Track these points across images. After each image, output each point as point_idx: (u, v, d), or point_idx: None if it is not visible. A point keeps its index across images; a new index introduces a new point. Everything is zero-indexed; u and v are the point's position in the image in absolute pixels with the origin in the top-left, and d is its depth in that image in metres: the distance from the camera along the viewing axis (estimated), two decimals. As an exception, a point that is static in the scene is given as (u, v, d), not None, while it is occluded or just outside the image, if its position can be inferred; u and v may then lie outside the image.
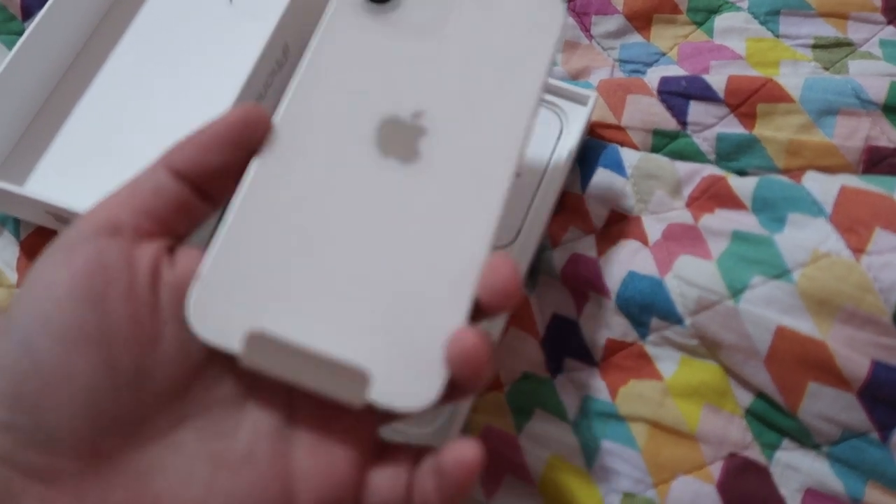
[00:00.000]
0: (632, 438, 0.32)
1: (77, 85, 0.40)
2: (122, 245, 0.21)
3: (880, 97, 0.34)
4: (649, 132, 0.38)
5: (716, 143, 0.37)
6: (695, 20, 0.43)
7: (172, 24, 0.41)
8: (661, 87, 0.38)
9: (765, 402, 0.31)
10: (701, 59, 0.41)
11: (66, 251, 0.21)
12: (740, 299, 0.30)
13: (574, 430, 0.33)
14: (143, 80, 0.40)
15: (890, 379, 0.28)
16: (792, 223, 0.31)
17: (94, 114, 0.39)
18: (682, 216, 0.35)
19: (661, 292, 0.32)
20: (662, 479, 0.31)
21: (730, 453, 0.31)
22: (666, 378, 0.32)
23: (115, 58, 0.41)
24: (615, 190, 0.37)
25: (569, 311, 0.35)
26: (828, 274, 0.29)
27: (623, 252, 0.35)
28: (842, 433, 0.29)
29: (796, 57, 0.40)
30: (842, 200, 0.31)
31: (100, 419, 0.19)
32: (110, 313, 0.20)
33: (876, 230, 0.29)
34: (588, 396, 0.33)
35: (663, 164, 0.37)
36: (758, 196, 0.33)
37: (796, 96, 0.36)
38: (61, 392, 0.19)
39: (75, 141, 0.38)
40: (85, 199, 0.34)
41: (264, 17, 0.39)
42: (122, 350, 0.20)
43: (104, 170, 0.37)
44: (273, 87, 0.38)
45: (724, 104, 0.37)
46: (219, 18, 0.41)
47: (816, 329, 0.29)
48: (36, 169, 0.37)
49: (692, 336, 0.32)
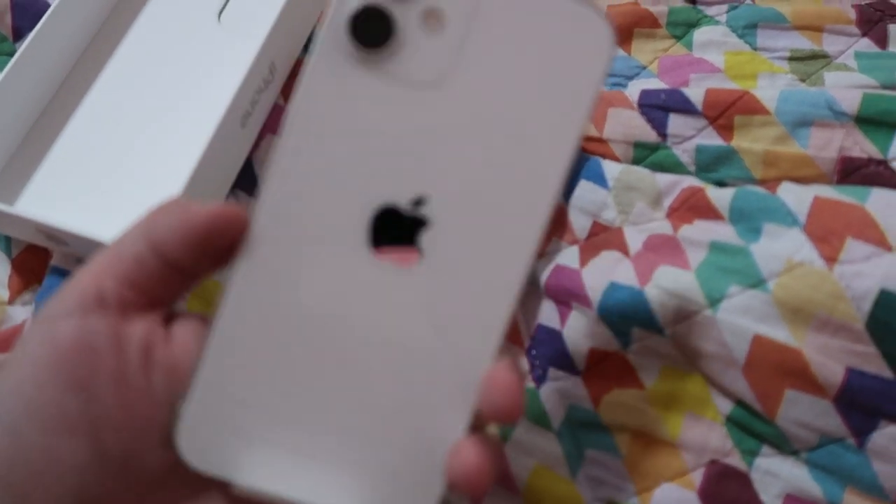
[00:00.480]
0: (615, 447, 0.32)
1: (68, 104, 0.40)
2: (109, 322, 0.20)
3: (853, 109, 0.35)
4: (630, 144, 0.39)
5: (695, 155, 0.38)
6: (674, 34, 0.44)
7: (161, 43, 0.42)
8: (641, 100, 0.39)
9: (744, 410, 0.31)
10: (681, 73, 0.42)
11: (51, 326, 0.20)
12: (718, 309, 0.31)
13: (558, 439, 0.33)
14: (133, 99, 0.40)
15: (864, 385, 0.29)
16: (767, 233, 0.32)
17: (84, 133, 0.39)
18: (662, 227, 0.36)
19: (641, 302, 0.33)
20: (645, 486, 0.31)
21: (711, 460, 0.31)
22: (647, 387, 0.33)
23: (106, 77, 0.41)
24: (597, 202, 0.38)
25: (553, 321, 0.36)
26: (801, 283, 0.29)
27: (605, 263, 0.35)
28: (819, 439, 0.30)
29: (773, 69, 0.41)
30: (815, 211, 0.31)
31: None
32: (98, 400, 0.19)
33: (848, 240, 0.30)
34: (572, 405, 0.34)
35: (644, 177, 0.37)
36: (735, 207, 0.34)
37: (772, 108, 0.36)
38: (48, 479, 0.19)
39: (66, 160, 0.39)
40: (76, 217, 0.35)
41: (252, 35, 0.39)
42: (110, 437, 0.19)
43: (95, 189, 0.38)
44: (260, 105, 0.39)
45: (702, 116, 0.38)
46: (207, 37, 0.42)
47: (792, 337, 0.30)
48: (27, 188, 0.38)
49: (672, 345, 0.32)
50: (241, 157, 0.39)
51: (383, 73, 0.20)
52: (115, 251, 0.21)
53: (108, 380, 0.19)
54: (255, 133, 0.40)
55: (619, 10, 0.44)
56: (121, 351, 0.20)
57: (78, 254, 0.38)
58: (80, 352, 0.19)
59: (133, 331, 0.20)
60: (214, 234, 0.20)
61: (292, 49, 0.42)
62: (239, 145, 0.38)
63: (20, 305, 0.39)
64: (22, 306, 0.39)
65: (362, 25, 0.19)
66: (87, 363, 0.19)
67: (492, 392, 0.20)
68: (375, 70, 0.20)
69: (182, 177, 0.34)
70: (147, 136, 0.39)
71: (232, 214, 0.20)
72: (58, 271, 0.38)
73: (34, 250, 0.40)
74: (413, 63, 0.20)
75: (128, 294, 0.20)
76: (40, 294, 0.38)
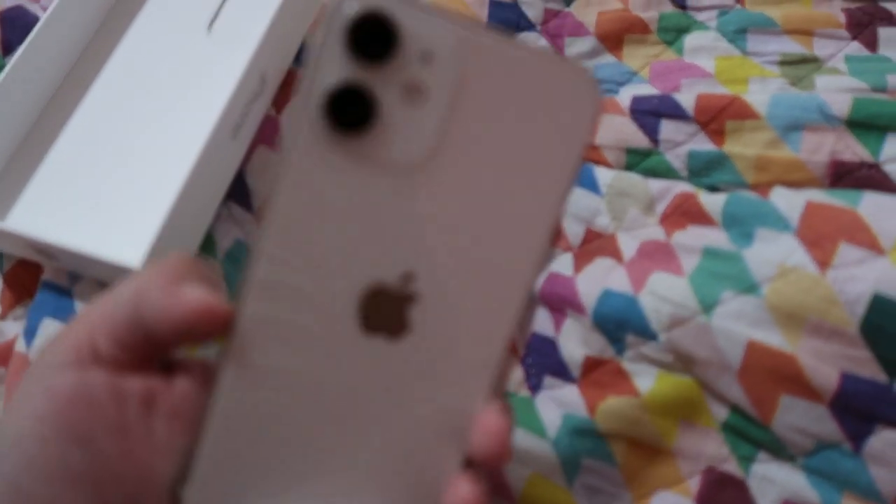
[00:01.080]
0: (611, 455, 0.32)
1: (58, 118, 0.40)
2: (107, 375, 0.20)
3: (844, 112, 0.35)
4: (623, 150, 0.39)
5: (687, 160, 0.38)
6: (665, 40, 0.44)
7: (151, 55, 0.42)
8: (633, 106, 0.39)
9: (739, 416, 0.31)
10: (672, 78, 0.42)
11: (50, 378, 0.20)
12: (712, 314, 0.31)
13: (554, 447, 0.33)
14: (124, 113, 0.40)
15: (859, 390, 0.28)
16: (760, 238, 0.32)
17: (74, 147, 0.39)
18: (655, 233, 0.36)
19: (635, 309, 0.33)
20: (641, 494, 0.31)
21: (707, 467, 0.31)
22: (643, 394, 0.33)
23: (96, 90, 0.41)
24: (590, 208, 0.38)
25: (547, 329, 0.36)
26: (794, 288, 0.29)
27: (598, 270, 0.35)
28: (815, 445, 0.30)
29: (764, 74, 0.41)
30: (807, 215, 0.31)
31: None
32: (99, 452, 0.19)
33: (840, 244, 0.30)
34: (568, 414, 0.34)
35: (636, 183, 0.37)
36: (727, 212, 0.34)
37: (763, 113, 0.36)
38: None
39: (57, 174, 0.39)
40: (67, 232, 0.34)
41: (242, 46, 0.39)
42: (112, 487, 0.19)
43: (86, 203, 0.37)
44: (251, 116, 0.39)
45: (694, 122, 0.38)
46: (197, 48, 0.42)
47: (786, 342, 0.29)
48: (17, 203, 0.38)
49: (667, 352, 0.32)
50: (233, 169, 0.39)
51: (364, 156, 0.19)
52: (109, 310, 0.21)
53: (109, 431, 0.19)
54: (246, 144, 0.40)
55: (610, 17, 0.44)
56: (120, 402, 0.20)
57: (69, 268, 0.38)
58: (79, 405, 0.19)
59: (132, 383, 0.20)
60: (197, 328, 0.20)
61: (283, 59, 0.42)
62: (230, 157, 0.38)
63: (12, 320, 0.39)
64: (14, 321, 0.39)
65: (340, 106, 0.18)
66: (87, 416, 0.19)
67: (479, 438, 0.21)
68: (356, 153, 0.19)
69: (173, 189, 0.34)
70: (138, 148, 0.39)
71: (215, 310, 0.20)
72: (49, 286, 0.38)
73: (25, 265, 0.40)
74: (396, 144, 0.19)
75: (121, 355, 0.20)
76: (32, 309, 0.38)
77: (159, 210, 0.33)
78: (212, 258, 0.38)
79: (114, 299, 0.21)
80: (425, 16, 0.18)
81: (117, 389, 0.20)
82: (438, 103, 0.19)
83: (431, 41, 0.18)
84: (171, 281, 0.20)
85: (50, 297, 0.38)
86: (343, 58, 0.18)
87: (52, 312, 0.37)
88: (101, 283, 0.38)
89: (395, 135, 0.19)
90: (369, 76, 0.18)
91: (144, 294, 0.20)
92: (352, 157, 0.19)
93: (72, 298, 0.38)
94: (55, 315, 0.37)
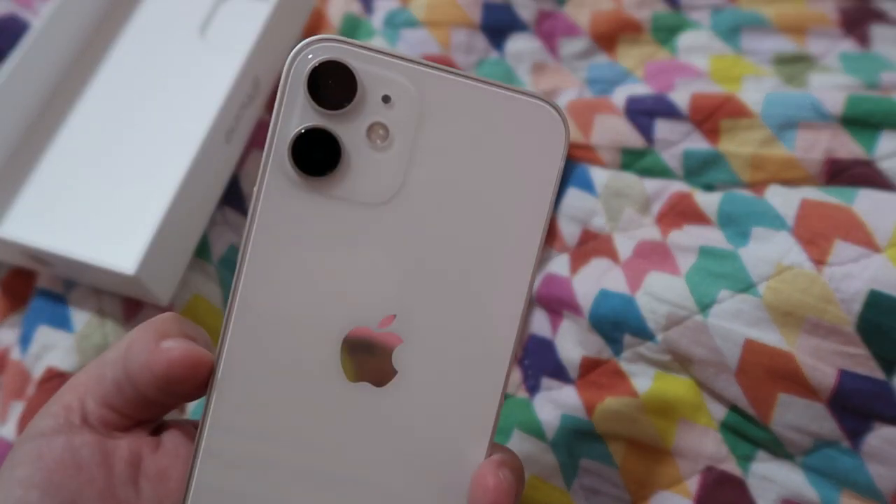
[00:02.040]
0: (609, 456, 0.32)
1: (52, 124, 0.40)
2: (95, 438, 0.20)
3: (838, 110, 0.35)
4: (618, 151, 0.39)
5: (683, 160, 0.38)
6: (658, 39, 0.44)
7: (144, 60, 0.42)
8: (627, 106, 0.39)
9: (738, 415, 0.31)
10: (666, 77, 0.42)
11: (39, 443, 0.20)
12: (709, 314, 0.31)
13: (553, 449, 0.33)
14: (117, 118, 0.40)
15: (857, 387, 0.28)
16: (756, 237, 0.32)
17: (68, 153, 0.39)
18: (651, 233, 0.36)
19: (632, 309, 0.33)
20: (641, 495, 0.31)
21: (706, 467, 0.31)
22: (641, 394, 0.33)
23: (89, 97, 0.41)
24: (586, 209, 0.38)
25: (544, 330, 0.36)
26: (791, 286, 0.29)
27: (595, 270, 0.35)
28: (814, 443, 0.30)
29: (758, 72, 0.41)
30: (803, 213, 0.31)
31: None
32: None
33: (836, 241, 0.29)
34: (566, 415, 0.33)
35: (632, 183, 0.37)
36: (722, 211, 0.34)
37: (757, 111, 0.36)
38: None
39: (51, 181, 0.38)
40: (61, 239, 0.34)
41: (235, 50, 0.39)
42: None
43: (80, 210, 0.37)
44: (244, 120, 0.39)
45: (688, 121, 0.38)
46: (190, 53, 0.42)
47: (783, 341, 0.29)
48: (11, 210, 0.37)
49: (664, 351, 0.32)
50: (227, 173, 0.39)
51: (332, 196, 0.19)
52: (98, 372, 0.21)
53: (97, 495, 0.19)
54: (240, 149, 0.39)
55: (604, 17, 0.44)
56: (108, 466, 0.20)
57: (64, 275, 0.38)
58: (67, 470, 0.19)
59: (119, 444, 0.20)
60: (176, 379, 0.20)
61: (276, 64, 0.41)
62: (224, 161, 0.38)
63: (7, 328, 0.39)
64: (9, 329, 0.39)
65: (305, 151, 0.19)
66: (76, 480, 0.19)
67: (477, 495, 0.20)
68: (324, 194, 0.19)
69: (168, 194, 0.34)
70: (132, 154, 0.39)
71: (196, 359, 0.20)
72: (44, 293, 0.38)
73: (20, 273, 0.39)
74: (362, 185, 0.19)
75: (109, 416, 0.21)
76: (27, 317, 0.38)
77: (154, 216, 0.33)
78: (206, 263, 0.38)
79: (102, 361, 0.21)
80: (382, 61, 0.19)
81: (105, 452, 0.20)
82: (402, 143, 0.19)
83: (390, 85, 0.19)
84: (155, 338, 0.20)
85: (45, 304, 0.38)
86: (305, 106, 0.19)
87: (47, 320, 0.37)
88: (95, 289, 0.37)
89: (362, 176, 0.19)
90: (332, 122, 0.19)
91: (130, 353, 0.20)
92: (320, 201, 0.19)
93: (66, 305, 0.38)
94: (50, 322, 0.37)
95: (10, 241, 0.35)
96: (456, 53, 0.44)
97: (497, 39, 0.45)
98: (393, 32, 0.45)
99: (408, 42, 0.44)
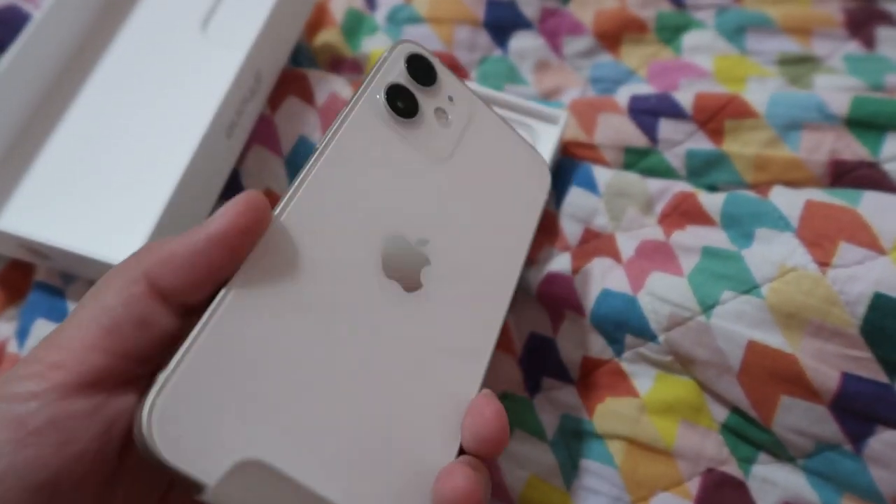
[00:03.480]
0: (609, 456, 0.32)
1: (51, 117, 0.40)
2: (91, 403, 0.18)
3: (843, 111, 0.35)
4: (621, 150, 0.39)
5: (686, 160, 0.38)
6: (663, 38, 0.44)
7: (146, 54, 0.42)
8: (631, 106, 0.39)
9: (739, 417, 0.31)
10: (670, 77, 0.42)
11: (16, 409, 0.17)
12: (711, 315, 0.31)
13: (553, 449, 0.33)
14: (118, 111, 0.40)
15: (860, 390, 0.28)
16: (759, 238, 0.32)
17: (68, 146, 0.39)
18: (653, 233, 0.36)
19: (634, 309, 0.32)
20: (641, 496, 0.31)
21: (707, 469, 0.31)
22: (642, 395, 0.32)
23: (90, 89, 0.41)
24: (588, 208, 0.37)
25: (545, 329, 0.35)
26: (795, 288, 0.29)
27: (597, 270, 0.35)
28: (815, 446, 0.29)
29: (762, 73, 0.41)
30: (807, 215, 0.31)
31: None
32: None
33: (840, 244, 0.29)
34: (566, 415, 0.33)
35: (635, 182, 0.37)
36: (726, 212, 0.33)
37: (762, 112, 0.36)
38: None
39: (50, 174, 0.38)
40: (60, 232, 0.34)
41: (237, 44, 0.39)
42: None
43: (79, 203, 0.37)
44: (246, 115, 0.39)
45: (692, 121, 0.38)
46: (192, 47, 0.42)
47: (786, 343, 0.29)
48: (10, 203, 0.37)
49: (666, 352, 0.32)
50: (228, 168, 0.39)
51: (407, 136, 0.25)
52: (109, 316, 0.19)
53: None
54: (241, 144, 0.39)
55: (608, 15, 0.44)
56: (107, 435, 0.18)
57: (62, 269, 0.38)
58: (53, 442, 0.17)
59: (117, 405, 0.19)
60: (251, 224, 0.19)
61: (278, 58, 0.41)
62: (225, 156, 0.38)
63: (4, 322, 0.38)
64: (6, 322, 0.38)
65: (396, 97, 0.25)
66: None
67: (475, 421, 0.20)
68: (402, 132, 0.25)
69: (168, 188, 0.33)
70: (131, 147, 0.38)
71: (263, 202, 0.20)
72: (42, 286, 0.38)
73: (18, 266, 0.39)
74: (426, 140, 0.25)
75: (111, 365, 0.18)
76: (25, 310, 0.38)
77: (153, 209, 0.33)
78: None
79: (88, 311, 0.19)
80: (453, 75, 0.27)
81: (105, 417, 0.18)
82: (456, 129, 0.26)
83: (454, 91, 0.27)
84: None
85: (43, 297, 0.37)
86: (403, 72, 0.25)
87: (45, 313, 0.37)
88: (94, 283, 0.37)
89: (427, 134, 0.25)
90: (416, 90, 0.26)
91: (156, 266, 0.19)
92: (396, 137, 0.24)
93: (65, 299, 0.37)
94: (48, 316, 0.37)
95: (8, 234, 0.34)
96: (459, 50, 0.43)
97: (500, 37, 0.44)
98: (395, 28, 0.45)
99: (411, 38, 0.43)
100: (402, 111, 0.25)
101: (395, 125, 0.24)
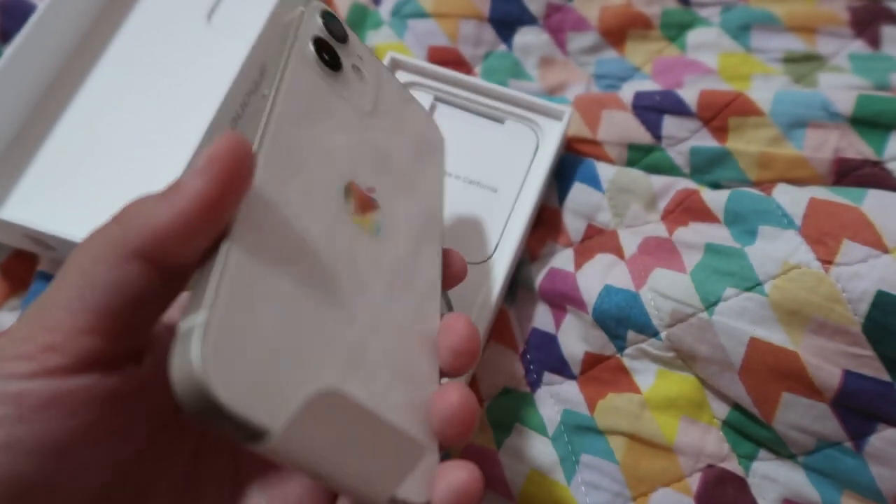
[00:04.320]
0: (610, 452, 0.32)
1: (56, 107, 0.40)
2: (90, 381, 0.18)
3: (848, 110, 0.35)
4: (625, 146, 0.39)
5: (689, 157, 0.38)
6: (668, 35, 0.44)
7: (150, 44, 0.42)
8: (635, 102, 0.39)
9: (740, 413, 0.31)
10: (674, 74, 0.42)
11: (16, 386, 0.17)
12: (713, 311, 0.31)
13: (553, 444, 0.33)
14: (122, 102, 0.40)
15: (861, 388, 0.28)
16: (763, 235, 0.32)
17: (72, 136, 0.39)
18: (656, 229, 0.36)
19: (636, 305, 0.32)
20: (641, 492, 0.31)
21: (707, 465, 0.31)
22: (643, 391, 0.32)
23: (94, 80, 0.41)
24: (592, 204, 0.37)
25: (547, 325, 0.35)
26: (798, 285, 0.29)
27: (599, 266, 0.35)
28: (816, 443, 0.30)
29: (767, 71, 0.41)
30: (811, 212, 0.31)
31: None
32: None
33: (844, 241, 0.29)
34: (567, 410, 0.33)
35: (638, 179, 0.37)
36: (729, 209, 0.33)
37: (766, 110, 0.36)
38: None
39: (53, 164, 0.38)
40: (63, 222, 0.34)
41: (242, 36, 0.39)
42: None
43: (83, 193, 0.37)
44: (250, 107, 0.39)
45: (696, 118, 0.38)
46: (197, 39, 0.41)
47: (788, 340, 0.29)
48: (13, 193, 0.37)
49: (668, 349, 0.32)
50: (232, 161, 0.38)
51: (337, 88, 0.25)
52: (87, 283, 0.19)
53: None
54: (245, 136, 0.39)
55: (613, 12, 0.44)
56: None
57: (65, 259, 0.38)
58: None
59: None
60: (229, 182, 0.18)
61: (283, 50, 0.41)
62: (229, 148, 0.38)
63: (7, 311, 0.38)
64: (9, 312, 0.38)
65: (322, 50, 0.25)
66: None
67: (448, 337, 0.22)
68: (332, 84, 0.25)
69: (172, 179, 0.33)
70: (136, 138, 0.38)
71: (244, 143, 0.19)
72: (45, 277, 0.38)
73: (21, 256, 0.39)
74: (353, 92, 0.26)
75: (100, 346, 0.18)
76: (27, 300, 0.38)
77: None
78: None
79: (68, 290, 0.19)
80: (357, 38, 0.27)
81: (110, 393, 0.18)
82: (371, 85, 0.27)
83: (361, 51, 0.27)
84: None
85: (45, 287, 0.37)
86: (322, 28, 0.25)
87: (48, 303, 0.37)
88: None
89: (351, 88, 0.26)
90: (335, 45, 0.26)
91: (137, 229, 0.19)
92: (330, 87, 0.25)
93: (67, 290, 0.37)
94: (51, 306, 0.37)
95: (11, 224, 0.34)
96: (464, 45, 0.43)
97: (505, 32, 0.44)
98: (400, 23, 0.44)
99: (415, 33, 0.43)
100: (329, 64, 0.25)
101: (327, 78, 0.24)
